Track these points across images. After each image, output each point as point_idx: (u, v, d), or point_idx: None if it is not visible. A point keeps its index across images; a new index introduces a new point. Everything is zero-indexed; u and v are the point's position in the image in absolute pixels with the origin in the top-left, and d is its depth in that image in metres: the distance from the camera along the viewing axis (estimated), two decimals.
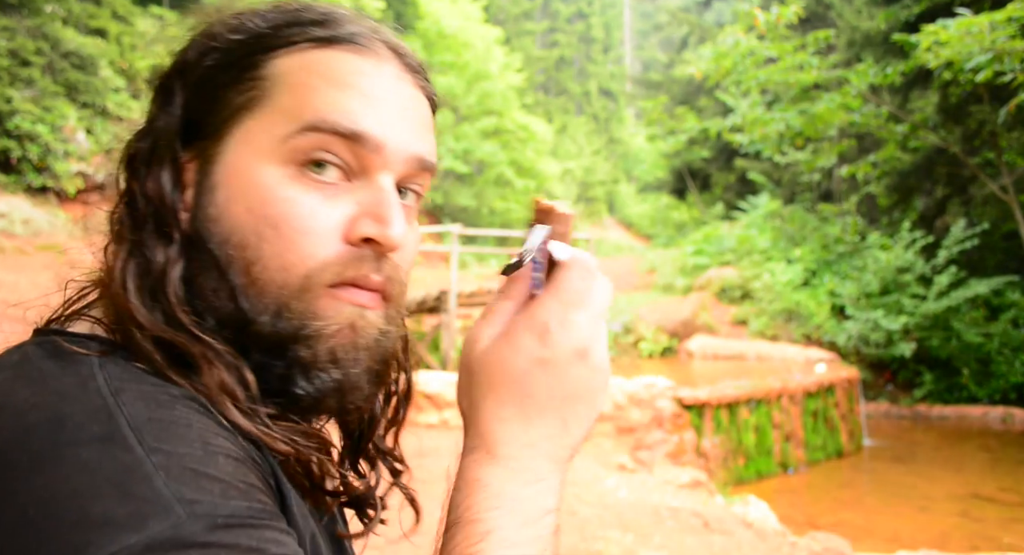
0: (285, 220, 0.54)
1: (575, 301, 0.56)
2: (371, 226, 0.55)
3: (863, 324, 11.51)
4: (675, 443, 7.05)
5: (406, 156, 0.58)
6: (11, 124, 11.41)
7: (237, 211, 0.55)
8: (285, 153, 0.55)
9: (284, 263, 0.54)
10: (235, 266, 0.55)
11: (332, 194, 0.56)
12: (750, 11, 11.12)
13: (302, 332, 0.55)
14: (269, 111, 0.56)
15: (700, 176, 22.36)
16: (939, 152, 11.87)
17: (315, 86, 0.55)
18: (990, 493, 7.34)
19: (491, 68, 23.36)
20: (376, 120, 0.56)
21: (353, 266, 0.56)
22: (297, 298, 0.55)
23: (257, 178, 0.55)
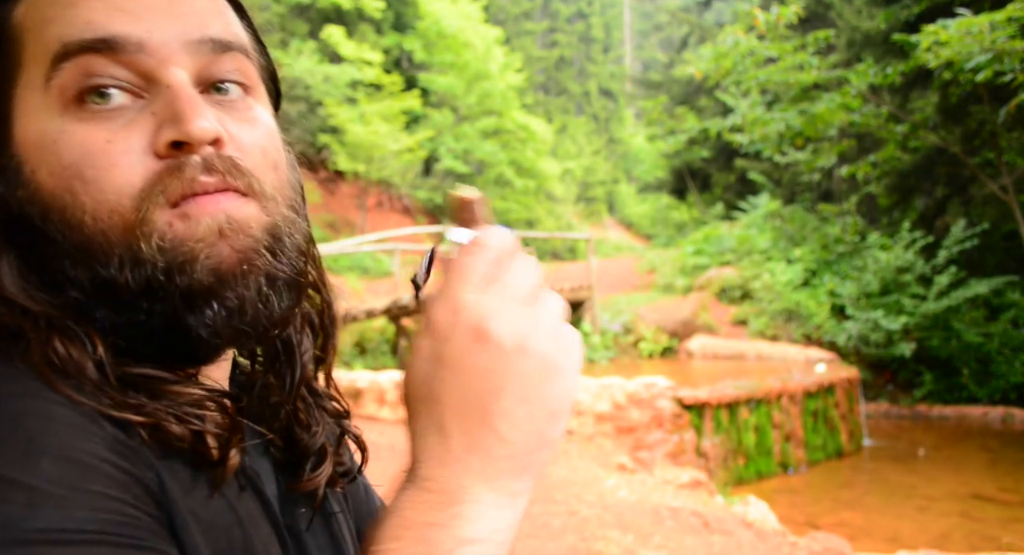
0: (85, 163, 0.48)
1: (460, 279, 0.47)
2: (170, 129, 0.48)
3: (863, 324, 11.50)
4: (675, 443, 7.05)
5: (185, 42, 0.50)
6: None
7: (42, 179, 0.49)
8: (55, 99, 0.48)
9: (109, 207, 0.48)
10: (67, 233, 0.49)
11: (125, 120, 0.49)
12: (750, 11, 11.12)
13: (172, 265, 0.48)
14: (28, 66, 0.49)
15: (700, 176, 22.36)
16: (939, 152, 11.87)
17: (50, 15, 0.49)
18: (990, 493, 7.34)
19: (491, 68, 23.35)
20: (125, 21, 0.49)
21: (175, 177, 0.48)
22: (142, 235, 0.48)
23: (44, 136, 0.49)
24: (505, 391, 0.45)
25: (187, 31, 0.50)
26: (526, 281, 0.48)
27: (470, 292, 0.47)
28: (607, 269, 17.43)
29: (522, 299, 0.48)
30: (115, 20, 0.48)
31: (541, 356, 0.46)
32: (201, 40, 0.51)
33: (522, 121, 24.39)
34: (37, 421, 0.41)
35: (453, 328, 0.46)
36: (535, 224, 25.78)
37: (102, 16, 0.48)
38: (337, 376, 0.69)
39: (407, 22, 24.01)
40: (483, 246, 0.48)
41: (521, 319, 0.46)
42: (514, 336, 0.46)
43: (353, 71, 18.38)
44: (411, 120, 21.88)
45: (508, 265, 0.48)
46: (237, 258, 0.50)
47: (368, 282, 14.17)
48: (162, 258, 0.48)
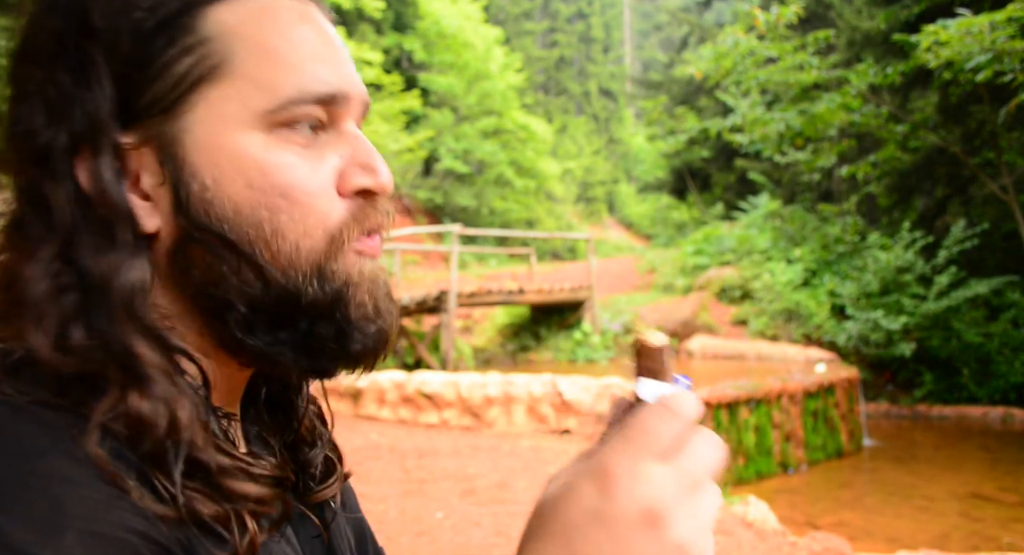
0: (291, 186, 0.52)
1: (649, 446, 0.42)
2: (363, 177, 0.55)
3: (863, 324, 11.50)
4: None
5: (361, 101, 0.57)
6: None
7: (234, 189, 0.51)
8: (266, 123, 0.51)
9: (305, 229, 0.52)
10: (255, 245, 0.51)
11: (315, 149, 0.54)
12: (750, 11, 11.13)
13: (344, 291, 0.54)
14: (234, 79, 0.51)
15: (700, 176, 22.36)
16: (939, 152, 11.87)
17: (275, 47, 0.52)
18: (990, 493, 7.33)
19: (491, 68, 23.36)
20: (335, 73, 0.54)
21: (363, 218, 0.55)
22: (331, 260, 0.53)
23: (245, 151, 0.51)
24: None
25: (360, 87, 0.57)
26: (706, 463, 0.43)
27: (651, 463, 0.42)
28: (607, 269, 17.45)
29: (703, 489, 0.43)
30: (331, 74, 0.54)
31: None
32: (366, 102, 0.58)
33: (522, 121, 24.40)
34: (64, 486, 0.40)
35: (627, 496, 0.41)
36: (535, 224, 25.79)
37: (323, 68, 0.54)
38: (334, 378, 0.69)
39: (407, 22, 24.02)
40: (672, 412, 0.43)
41: (697, 517, 0.41)
42: (684, 536, 0.41)
43: None
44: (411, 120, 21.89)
45: (698, 445, 0.43)
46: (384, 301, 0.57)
47: None
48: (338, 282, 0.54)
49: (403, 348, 10.79)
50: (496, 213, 24.18)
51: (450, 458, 5.93)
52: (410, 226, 18.46)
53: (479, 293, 11.19)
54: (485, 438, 6.69)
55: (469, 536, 4.13)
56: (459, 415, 7.20)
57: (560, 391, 6.92)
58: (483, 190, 23.83)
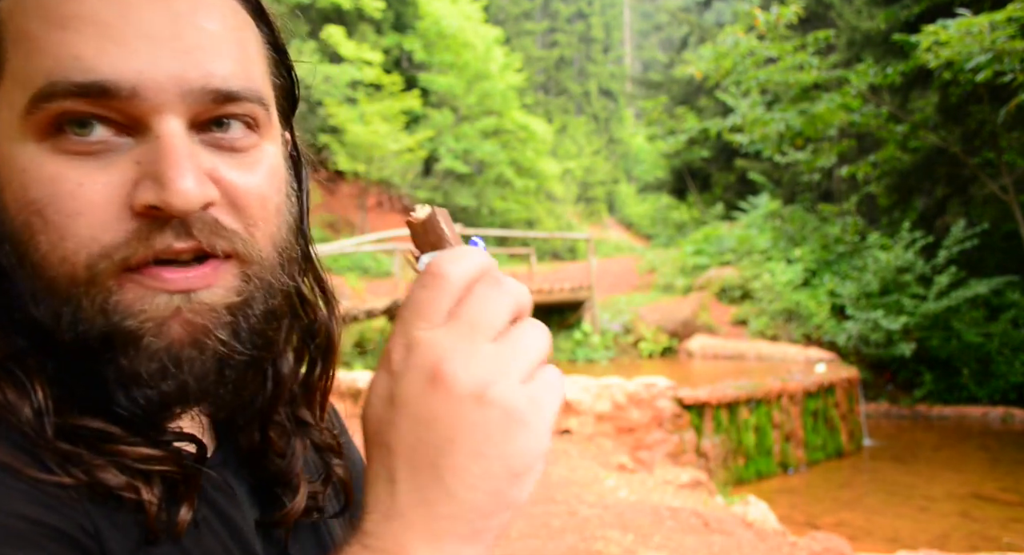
0: (49, 202, 0.43)
1: (418, 313, 0.41)
2: (149, 190, 0.43)
3: (863, 324, 11.50)
4: (675, 443, 7.05)
5: (183, 90, 0.44)
6: None
7: (7, 202, 0.45)
8: (32, 127, 0.44)
9: (63, 253, 0.44)
10: (17, 267, 0.45)
11: (104, 159, 0.44)
12: (750, 11, 11.13)
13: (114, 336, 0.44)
14: (7, 80, 0.45)
15: (700, 176, 22.35)
16: (939, 152, 11.87)
17: (35, 34, 0.43)
18: (990, 493, 7.34)
19: (491, 68, 23.35)
20: (120, 57, 0.43)
21: (144, 241, 0.44)
22: (87, 293, 0.44)
23: (14, 161, 0.44)
24: (456, 443, 0.39)
25: (187, 75, 0.45)
26: (498, 313, 0.41)
27: (425, 328, 0.40)
28: (607, 269, 17.44)
29: (492, 335, 0.41)
30: (106, 56, 0.43)
31: (503, 406, 0.39)
32: (203, 89, 0.45)
33: (522, 121, 24.40)
34: None
35: (405, 367, 0.40)
36: (535, 224, 25.79)
37: (92, 50, 0.43)
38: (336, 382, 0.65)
39: (407, 22, 24.01)
40: (441, 275, 0.41)
41: (485, 361, 0.40)
42: (472, 381, 0.39)
43: (353, 71, 18.39)
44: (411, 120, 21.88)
45: (476, 294, 0.41)
46: (187, 341, 0.46)
47: (368, 282, 14.17)
48: (102, 321, 0.44)
49: None
50: (496, 213, 24.18)
51: None
52: None
53: None
54: None
55: None
56: None
57: None
58: (483, 190, 23.84)
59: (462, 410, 0.39)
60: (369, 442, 0.42)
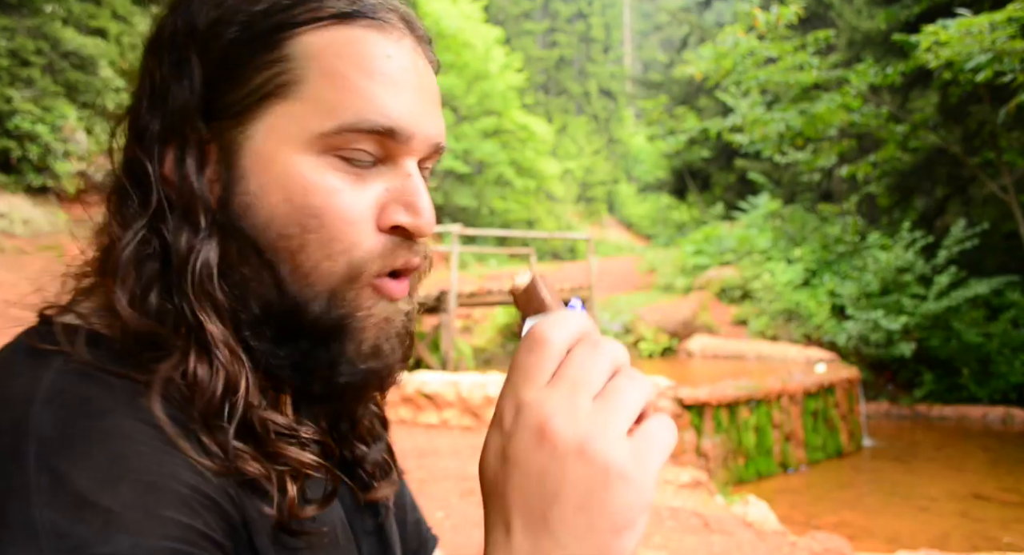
0: (327, 210, 0.54)
1: (524, 377, 0.45)
2: (403, 215, 0.56)
3: (863, 324, 11.50)
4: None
5: (429, 142, 0.58)
6: (11, 124, 11.41)
7: (275, 200, 0.54)
8: (320, 145, 0.54)
9: (330, 252, 0.54)
10: (278, 255, 0.54)
11: (363, 179, 0.55)
12: (750, 11, 11.12)
13: (348, 322, 0.55)
14: (301, 100, 0.54)
15: (700, 176, 22.35)
16: (939, 152, 11.87)
17: (347, 76, 0.54)
18: (990, 493, 7.34)
19: (491, 68, 23.35)
20: (405, 109, 0.55)
21: (393, 255, 0.56)
22: (346, 287, 0.55)
23: (293, 168, 0.54)
24: (562, 497, 0.42)
25: (431, 129, 0.58)
26: (597, 372, 0.44)
27: (532, 392, 0.44)
28: (607, 269, 17.44)
29: (592, 393, 0.44)
30: (398, 109, 0.55)
31: (603, 461, 0.41)
32: (436, 147, 0.59)
33: (522, 121, 24.40)
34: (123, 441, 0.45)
35: (515, 427, 0.44)
36: (535, 224, 25.78)
37: (390, 101, 0.55)
38: None
39: None
40: (544, 341, 0.45)
41: (586, 418, 0.43)
42: (575, 437, 0.42)
43: None
44: None
45: (576, 356, 0.45)
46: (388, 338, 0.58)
47: None
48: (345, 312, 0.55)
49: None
50: (496, 213, 24.18)
51: (450, 458, 5.93)
52: None
53: (479, 293, 11.19)
54: None
55: (469, 536, 4.13)
56: (459, 415, 7.19)
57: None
58: (483, 190, 23.84)
59: (566, 466, 0.42)
60: (486, 493, 0.46)
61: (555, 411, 0.43)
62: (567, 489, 0.42)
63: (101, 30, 14.07)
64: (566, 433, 0.42)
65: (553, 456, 0.42)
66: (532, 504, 0.42)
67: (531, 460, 0.42)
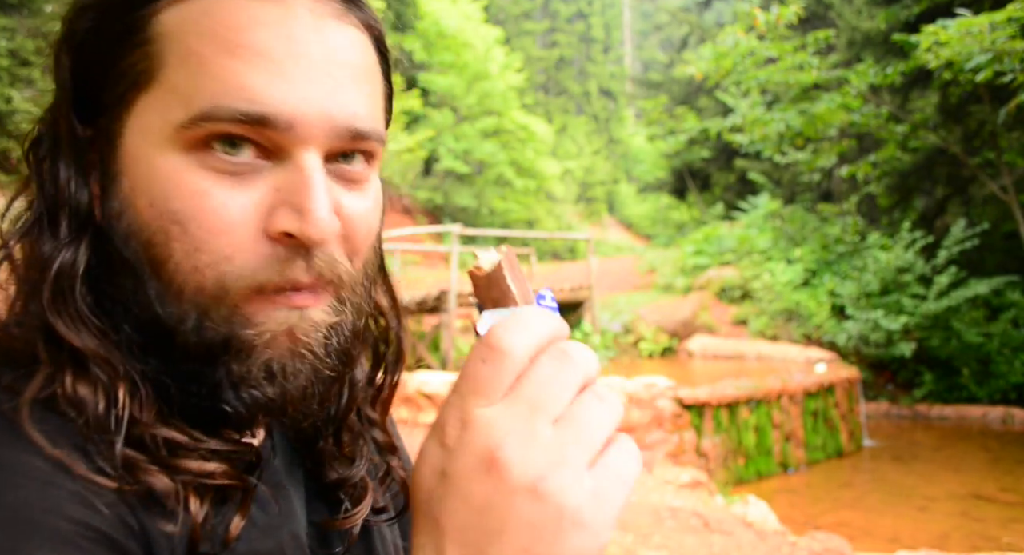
0: (192, 216, 0.46)
1: (475, 389, 0.38)
2: (288, 218, 0.47)
3: (863, 324, 11.50)
4: (675, 443, 7.05)
5: (329, 127, 0.48)
6: (11, 124, 11.41)
7: (141, 204, 0.47)
8: (184, 140, 0.46)
9: (196, 264, 0.47)
10: (146, 267, 0.48)
11: (246, 179, 0.47)
12: (750, 11, 11.11)
13: (231, 342, 0.47)
14: (162, 89, 0.47)
15: (700, 176, 22.35)
16: (939, 152, 11.87)
17: (204, 56, 0.46)
18: (990, 493, 7.34)
19: (491, 68, 23.35)
20: (284, 91, 0.46)
21: (276, 268, 0.47)
22: (216, 304, 0.47)
23: (157, 167, 0.47)
24: (506, 536, 0.36)
25: (335, 114, 0.48)
26: (562, 391, 0.38)
27: (482, 408, 0.37)
28: (607, 269, 17.44)
29: (554, 416, 0.37)
30: (274, 90, 0.46)
31: (558, 502, 0.36)
32: (346, 128, 0.49)
33: (522, 121, 24.39)
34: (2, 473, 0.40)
35: (459, 445, 0.37)
36: (535, 224, 25.79)
37: (262, 81, 0.46)
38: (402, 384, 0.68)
39: (407, 22, 24.01)
40: (501, 350, 0.38)
41: (543, 448, 0.36)
42: (527, 471, 0.36)
43: None
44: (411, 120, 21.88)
45: (539, 369, 0.38)
46: (292, 354, 0.49)
47: None
48: (225, 330, 0.48)
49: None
50: (496, 213, 24.18)
51: None
52: (410, 226, 18.47)
53: None
54: None
55: None
56: None
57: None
58: (483, 190, 23.83)
59: (515, 502, 0.36)
60: (418, 511, 0.39)
61: (508, 436, 0.36)
62: (513, 528, 0.36)
63: None
64: (518, 464, 0.36)
65: (500, 489, 0.36)
66: (470, 537, 0.36)
67: (474, 489, 0.36)
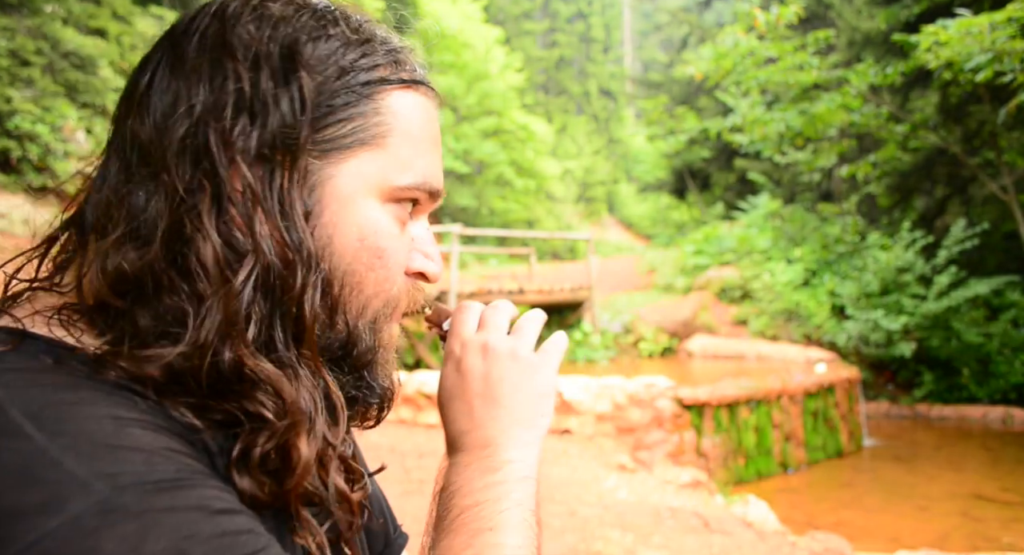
0: (390, 254, 0.61)
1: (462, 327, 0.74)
2: (425, 263, 0.65)
3: (863, 324, 11.50)
4: (675, 443, 7.05)
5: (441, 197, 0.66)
6: (11, 124, 11.41)
7: (348, 239, 0.58)
8: (390, 195, 0.60)
9: (378, 290, 0.61)
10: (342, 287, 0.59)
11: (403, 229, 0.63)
12: (750, 11, 11.12)
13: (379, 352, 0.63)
14: (387, 154, 0.60)
15: (700, 176, 22.36)
16: (939, 152, 11.87)
17: (420, 138, 0.62)
18: (990, 493, 7.34)
19: (491, 68, 23.36)
20: (440, 172, 0.65)
21: (412, 296, 0.65)
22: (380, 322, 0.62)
23: (371, 212, 0.59)
24: (504, 382, 0.70)
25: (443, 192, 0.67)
26: (504, 319, 0.74)
27: (470, 333, 0.73)
28: (607, 269, 17.44)
29: (505, 329, 0.73)
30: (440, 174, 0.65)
31: (527, 359, 0.71)
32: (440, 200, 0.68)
33: (522, 121, 24.40)
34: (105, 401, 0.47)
35: (464, 352, 0.72)
36: (535, 224, 25.78)
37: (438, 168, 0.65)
38: None
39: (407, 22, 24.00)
40: (469, 308, 0.75)
41: (508, 339, 0.72)
42: (507, 348, 0.71)
43: None
44: None
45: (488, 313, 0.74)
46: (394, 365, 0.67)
47: None
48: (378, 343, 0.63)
49: (403, 348, 10.79)
50: (496, 213, 24.18)
51: None
52: None
53: (479, 293, 11.19)
54: None
55: None
56: None
57: (560, 391, 6.92)
58: (483, 190, 23.83)
59: (504, 364, 0.70)
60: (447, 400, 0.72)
61: (492, 336, 0.71)
62: (507, 378, 0.70)
63: (101, 30, 14.07)
64: (501, 346, 0.71)
65: (495, 360, 0.70)
66: (485, 392, 0.69)
67: (481, 366, 0.70)
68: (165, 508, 0.42)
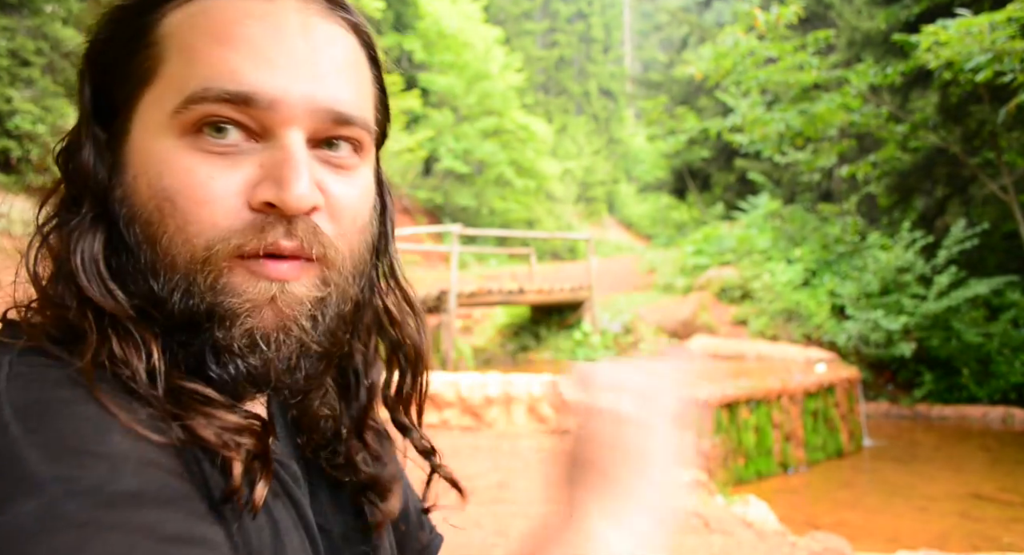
0: (181, 191, 0.51)
1: None
2: (269, 189, 0.51)
3: (863, 324, 11.50)
4: None
5: (311, 108, 0.53)
6: (11, 124, 11.41)
7: (140, 188, 0.53)
8: (177, 125, 0.52)
9: (186, 236, 0.51)
10: (144, 244, 0.53)
11: (233, 159, 0.52)
12: (750, 11, 11.12)
13: (216, 310, 0.52)
14: (161, 82, 0.53)
15: (700, 176, 22.36)
16: (939, 152, 11.87)
17: (198, 47, 0.52)
18: (990, 493, 7.34)
19: (491, 68, 23.36)
20: (267, 74, 0.51)
21: (257, 234, 0.52)
22: (202, 271, 0.51)
23: (154, 152, 0.52)
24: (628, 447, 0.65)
25: (318, 96, 0.53)
26: None
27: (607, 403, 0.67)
28: (607, 269, 17.44)
29: None
30: (259, 73, 0.52)
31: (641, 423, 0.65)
32: (328, 111, 0.54)
33: (522, 121, 24.40)
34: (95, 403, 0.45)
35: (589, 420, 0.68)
36: (535, 224, 25.79)
37: (249, 66, 0.51)
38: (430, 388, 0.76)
39: (407, 22, 24.01)
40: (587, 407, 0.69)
41: None
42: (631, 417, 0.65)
43: None
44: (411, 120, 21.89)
45: None
46: (276, 326, 0.53)
47: None
48: (210, 298, 0.52)
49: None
50: (496, 213, 24.18)
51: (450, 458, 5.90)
52: (410, 226, 18.46)
53: (479, 293, 11.19)
54: (485, 438, 6.69)
55: (469, 536, 4.13)
56: (459, 415, 7.19)
57: (560, 391, 6.92)
58: (483, 190, 23.83)
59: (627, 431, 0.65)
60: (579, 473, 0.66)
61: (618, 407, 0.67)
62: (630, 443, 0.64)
63: None
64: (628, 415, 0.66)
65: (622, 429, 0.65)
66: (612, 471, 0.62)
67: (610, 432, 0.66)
68: (109, 524, 0.39)
